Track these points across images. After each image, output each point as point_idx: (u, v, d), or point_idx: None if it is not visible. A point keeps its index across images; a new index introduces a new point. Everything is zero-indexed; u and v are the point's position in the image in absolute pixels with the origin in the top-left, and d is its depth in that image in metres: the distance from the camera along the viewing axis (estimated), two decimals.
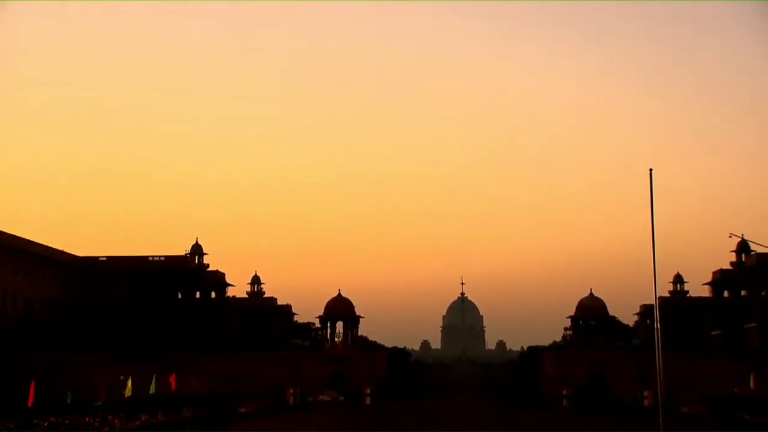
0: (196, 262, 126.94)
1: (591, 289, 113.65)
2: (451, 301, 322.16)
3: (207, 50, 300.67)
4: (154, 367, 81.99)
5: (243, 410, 77.20)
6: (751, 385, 75.68)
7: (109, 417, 57.45)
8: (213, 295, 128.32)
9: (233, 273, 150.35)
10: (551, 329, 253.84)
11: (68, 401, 64.92)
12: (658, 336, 34.60)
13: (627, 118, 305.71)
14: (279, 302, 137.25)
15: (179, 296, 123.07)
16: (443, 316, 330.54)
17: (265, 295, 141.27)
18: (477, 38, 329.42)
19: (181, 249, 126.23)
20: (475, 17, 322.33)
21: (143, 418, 59.93)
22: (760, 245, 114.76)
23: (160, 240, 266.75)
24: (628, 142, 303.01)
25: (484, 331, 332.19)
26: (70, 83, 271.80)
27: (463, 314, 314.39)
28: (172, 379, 72.80)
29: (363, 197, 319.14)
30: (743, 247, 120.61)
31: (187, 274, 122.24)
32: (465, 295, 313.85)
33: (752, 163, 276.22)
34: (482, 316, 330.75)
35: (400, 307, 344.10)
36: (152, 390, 69.32)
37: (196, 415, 67.22)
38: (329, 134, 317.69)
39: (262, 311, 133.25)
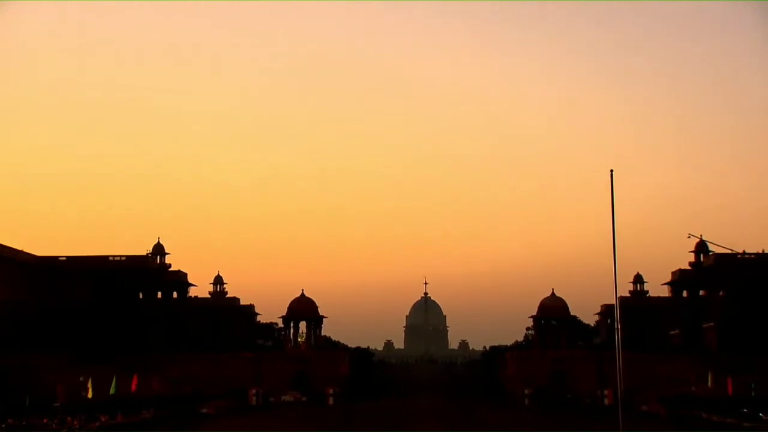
0: (158, 262, 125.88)
1: (553, 289, 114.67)
2: (415, 301, 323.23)
3: (174, 47, 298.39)
4: (115, 367, 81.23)
5: (204, 411, 76.70)
6: (709, 384, 76.87)
7: (68, 418, 56.82)
8: (175, 295, 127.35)
9: (195, 273, 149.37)
10: (514, 329, 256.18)
11: (26, 403, 64.03)
12: (618, 336, 34.99)
13: (588, 120, 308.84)
14: (242, 302, 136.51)
15: (140, 296, 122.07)
16: (406, 316, 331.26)
17: (227, 295, 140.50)
18: (441, 39, 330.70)
19: (143, 249, 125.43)
20: (436, 18, 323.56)
21: (103, 419, 59.34)
22: (718, 246, 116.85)
23: (122, 240, 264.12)
24: (590, 143, 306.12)
25: (447, 330, 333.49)
26: (29, 81, 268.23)
27: (426, 314, 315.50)
28: (133, 380, 72.16)
29: (326, 197, 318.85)
30: (702, 247, 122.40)
31: (148, 274, 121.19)
32: (428, 295, 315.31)
33: (711, 164, 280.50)
34: (445, 316, 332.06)
35: (364, 307, 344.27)
36: (112, 391, 68.66)
37: (157, 416, 66.66)
38: (292, 133, 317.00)
39: (225, 311, 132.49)
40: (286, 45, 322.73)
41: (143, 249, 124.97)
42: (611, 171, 33.07)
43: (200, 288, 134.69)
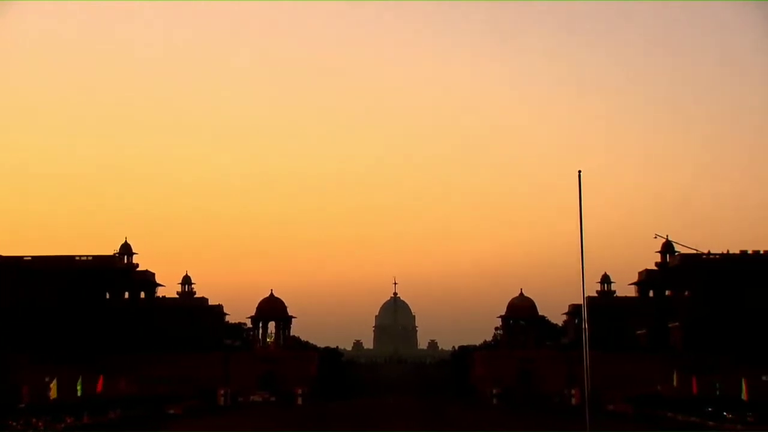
0: (125, 261, 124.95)
1: (521, 289, 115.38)
2: (384, 301, 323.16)
3: (148, 47, 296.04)
4: (81, 368, 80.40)
5: (172, 411, 76.25)
6: (674, 384, 77.68)
7: (33, 420, 56.17)
8: (142, 295, 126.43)
9: (163, 273, 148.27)
10: (482, 329, 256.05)
11: None
12: (585, 335, 35.20)
13: (556, 121, 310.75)
14: (210, 302, 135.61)
15: (107, 297, 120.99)
16: (376, 316, 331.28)
17: (195, 296, 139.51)
18: (411, 40, 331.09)
19: (110, 249, 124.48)
20: (407, 19, 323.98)
21: (68, 421, 58.75)
22: (684, 246, 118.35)
23: (88, 239, 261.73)
24: (558, 144, 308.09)
25: (416, 330, 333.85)
26: None
27: (395, 314, 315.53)
28: (99, 380, 71.51)
29: (295, 197, 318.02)
30: (668, 248, 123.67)
31: (115, 274, 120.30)
32: (397, 295, 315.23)
33: (679, 166, 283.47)
34: (414, 316, 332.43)
35: (333, 307, 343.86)
36: (79, 392, 67.99)
37: (123, 417, 66.13)
38: (261, 132, 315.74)
39: (193, 311, 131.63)
40: (260, 44, 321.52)
41: (110, 249, 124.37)
42: (579, 172, 33.24)
43: (168, 288, 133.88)
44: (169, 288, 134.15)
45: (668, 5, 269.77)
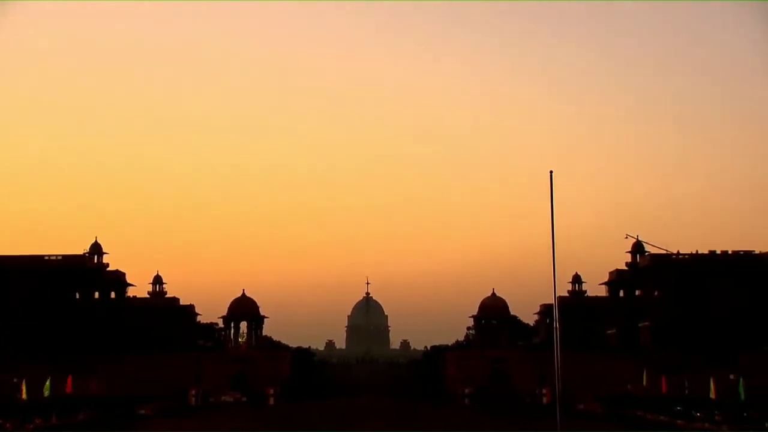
0: (95, 261, 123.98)
1: (493, 289, 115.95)
2: (356, 301, 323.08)
3: (103, 44, 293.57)
4: (51, 368, 79.67)
5: (142, 412, 75.68)
6: (644, 383, 78.31)
7: (0, 421, 55.45)
8: (113, 295, 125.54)
9: (134, 273, 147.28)
10: (455, 329, 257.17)
11: None
12: (556, 335, 35.39)
13: (528, 121, 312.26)
14: (182, 302, 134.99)
15: (77, 296, 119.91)
16: (348, 316, 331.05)
17: (167, 295, 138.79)
18: (379, 38, 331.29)
19: (80, 248, 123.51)
20: (372, 16, 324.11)
21: (37, 422, 58.10)
22: (654, 246, 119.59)
23: (58, 239, 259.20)
24: (530, 144, 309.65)
25: (388, 330, 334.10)
26: None
27: (367, 314, 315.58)
28: (68, 381, 70.86)
29: (267, 196, 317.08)
30: (638, 248, 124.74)
31: (85, 274, 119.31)
32: (370, 295, 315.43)
33: (650, 166, 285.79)
34: (387, 316, 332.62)
35: (305, 306, 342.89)
36: (47, 392, 67.30)
37: (93, 418, 65.53)
38: (233, 131, 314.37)
39: (164, 311, 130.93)
40: (234, 42, 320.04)
41: (80, 248, 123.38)
42: (551, 172, 33.43)
43: (139, 288, 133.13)
44: (140, 288, 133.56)
45: (626, 5, 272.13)
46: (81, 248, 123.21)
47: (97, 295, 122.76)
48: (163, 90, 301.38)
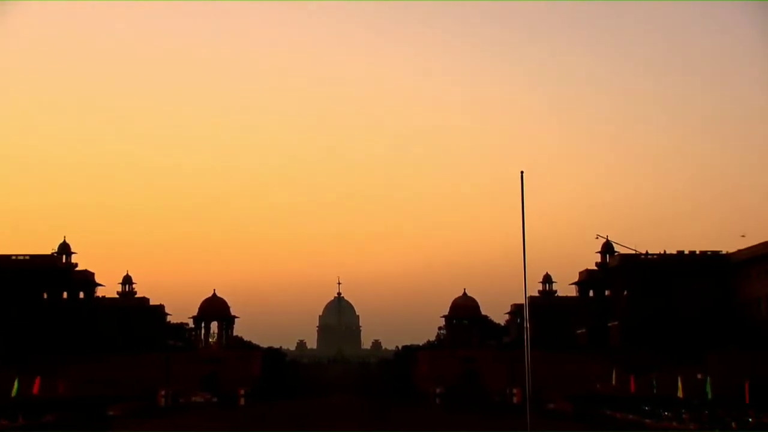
0: (64, 261, 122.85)
1: (464, 289, 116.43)
2: (328, 300, 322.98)
3: (72, 43, 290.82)
4: (17, 369, 78.73)
5: (111, 413, 75.02)
6: (613, 382, 78.91)
7: None
8: (81, 295, 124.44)
9: (103, 272, 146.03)
10: (426, 328, 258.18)
11: None
12: (527, 335, 35.62)
13: (499, 121, 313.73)
14: (151, 302, 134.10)
15: (45, 297, 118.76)
16: (319, 316, 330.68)
17: (136, 295, 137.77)
18: (351, 36, 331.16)
19: (48, 248, 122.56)
20: (347, 17, 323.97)
21: (3, 423, 57.39)
22: (623, 246, 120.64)
23: (25, 238, 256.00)
24: (501, 144, 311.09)
25: (360, 330, 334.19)
26: None
27: (339, 314, 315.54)
28: (36, 382, 70.07)
29: (238, 194, 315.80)
30: (607, 248, 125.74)
31: (53, 274, 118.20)
32: (341, 295, 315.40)
33: (619, 166, 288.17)
34: (359, 316, 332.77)
35: (277, 306, 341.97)
36: (14, 393, 66.51)
37: (60, 419, 64.84)
38: (203, 130, 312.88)
39: (134, 312, 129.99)
40: (203, 42, 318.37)
41: (48, 248, 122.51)
42: (521, 172, 33.56)
43: (108, 288, 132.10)
44: (109, 288, 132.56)
45: (593, 4, 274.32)
46: (49, 248, 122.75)
47: (65, 295, 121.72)
48: (132, 88, 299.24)
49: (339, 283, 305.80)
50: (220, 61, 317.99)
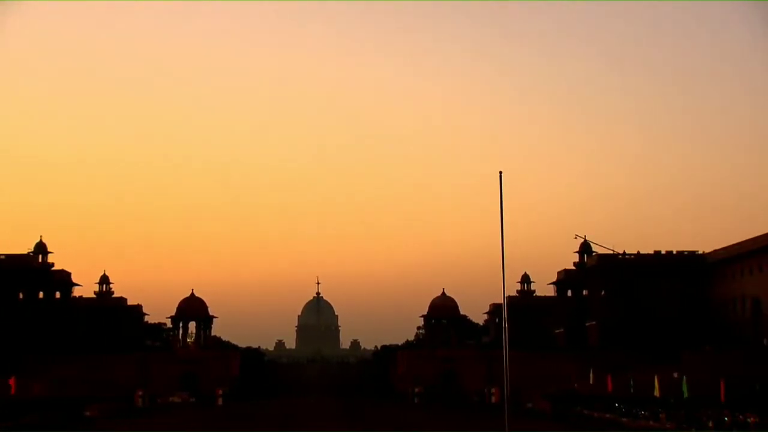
0: (40, 261, 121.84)
1: (443, 289, 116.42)
2: (307, 300, 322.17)
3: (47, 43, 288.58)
4: None
5: (88, 414, 74.54)
6: (590, 381, 79.31)
7: None
8: (58, 295, 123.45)
9: (80, 272, 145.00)
10: (405, 328, 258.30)
11: None
12: (505, 335, 35.69)
13: (478, 122, 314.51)
14: (129, 302, 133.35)
15: (21, 297, 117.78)
16: (298, 316, 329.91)
17: (114, 295, 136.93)
18: (330, 37, 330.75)
19: (24, 247, 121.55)
20: (326, 18, 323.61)
21: None
22: (600, 246, 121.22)
23: (2, 237, 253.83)
24: (479, 145, 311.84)
25: (339, 330, 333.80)
26: None
27: (318, 314, 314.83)
28: (11, 382, 69.51)
29: (217, 194, 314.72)
30: (585, 248, 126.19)
31: (29, 274, 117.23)
32: (320, 295, 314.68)
33: (597, 167, 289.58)
34: (337, 316, 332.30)
35: (255, 306, 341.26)
36: None
37: (37, 420, 64.34)
38: (181, 128, 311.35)
39: (111, 312, 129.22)
40: (163, 43, 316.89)
41: (24, 247, 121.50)
42: (500, 173, 33.67)
43: (85, 288, 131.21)
44: (86, 288, 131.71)
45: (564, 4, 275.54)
46: (25, 247, 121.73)
47: (41, 295, 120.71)
48: (108, 88, 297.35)
49: (318, 283, 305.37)
50: (196, 58, 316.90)
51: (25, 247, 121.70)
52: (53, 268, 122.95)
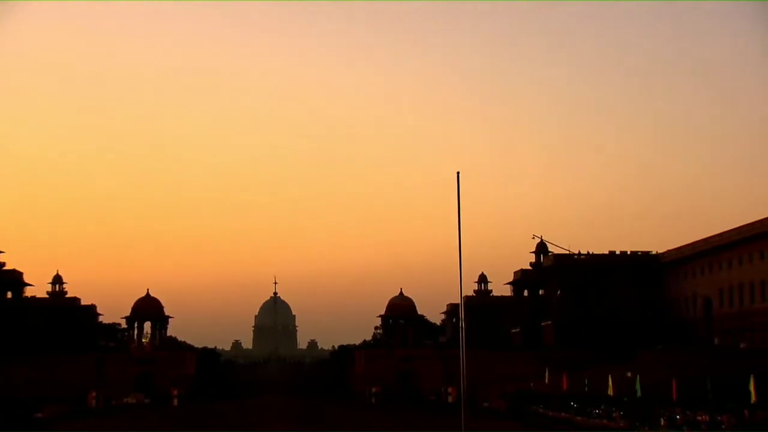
0: None
1: (401, 289, 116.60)
2: (264, 300, 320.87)
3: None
4: None
5: (39, 416, 73.35)
6: (546, 381, 79.88)
7: None
8: (9, 295, 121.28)
9: (32, 272, 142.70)
10: (362, 328, 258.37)
11: None
12: (462, 334, 35.77)
13: (436, 122, 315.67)
14: (83, 302, 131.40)
15: None
16: (255, 316, 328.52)
17: (67, 295, 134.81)
18: (297, 38, 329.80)
19: None
20: (291, 17, 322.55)
21: None
22: (556, 246, 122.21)
23: None
24: (437, 145, 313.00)
25: (296, 330, 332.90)
26: None
27: (275, 314, 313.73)
28: None
29: (172, 192, 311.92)
30: (542, 248, 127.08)
31: None
32: (277, 295, 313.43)
33: (554, 168, 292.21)
34: (295, 316, 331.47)
35: (211, 306, 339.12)
36: None
37: None
38: (136, 124, 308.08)
39: (64, 312, 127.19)
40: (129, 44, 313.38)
41: None
42: (458, 173, 33.77)
43: (38, 288, 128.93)
44: (38, 288, 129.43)
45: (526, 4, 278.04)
46: None
47: None
48: (65, 85, 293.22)
49: (275, 283, 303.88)
50: (162, 59, 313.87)
51: None
52: (4, 268, 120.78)
